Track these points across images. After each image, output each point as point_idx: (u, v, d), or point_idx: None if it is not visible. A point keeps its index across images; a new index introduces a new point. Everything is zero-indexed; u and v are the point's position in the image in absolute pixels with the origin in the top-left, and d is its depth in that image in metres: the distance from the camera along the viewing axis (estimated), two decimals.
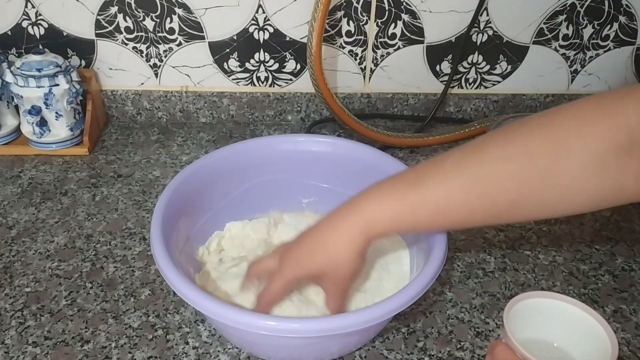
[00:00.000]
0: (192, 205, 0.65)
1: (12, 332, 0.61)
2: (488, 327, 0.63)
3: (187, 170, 0.65)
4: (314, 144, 0.72)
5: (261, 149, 0.71)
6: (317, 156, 0.72)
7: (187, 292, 0.50)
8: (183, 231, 0.63)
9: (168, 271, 0.52)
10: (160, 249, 0.55)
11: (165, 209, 0.60)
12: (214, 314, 0.49)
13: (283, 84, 0.99)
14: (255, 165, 0.71)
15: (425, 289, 0.52)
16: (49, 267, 0.69)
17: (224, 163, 0.69)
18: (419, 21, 0.94)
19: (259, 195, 0.72)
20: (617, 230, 0.78)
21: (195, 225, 0.66)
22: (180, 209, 0.62)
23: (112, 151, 0.92)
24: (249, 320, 0.48)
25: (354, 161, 0.71)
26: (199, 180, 0.66)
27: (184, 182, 0.64)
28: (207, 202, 0.68)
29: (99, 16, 0.91)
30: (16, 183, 0.84)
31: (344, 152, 0.72)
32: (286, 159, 0.72)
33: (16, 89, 0.85)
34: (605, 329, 0.51)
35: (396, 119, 1.03)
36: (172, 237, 0.59)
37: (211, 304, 0.49)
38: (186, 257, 0.63)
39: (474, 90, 1.03)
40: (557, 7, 0.94)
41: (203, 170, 0.67)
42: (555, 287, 0.69)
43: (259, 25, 0.93)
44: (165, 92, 0.98)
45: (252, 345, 0.56)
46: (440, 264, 0.54)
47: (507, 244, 0.75)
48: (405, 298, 0.50)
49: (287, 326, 0.48)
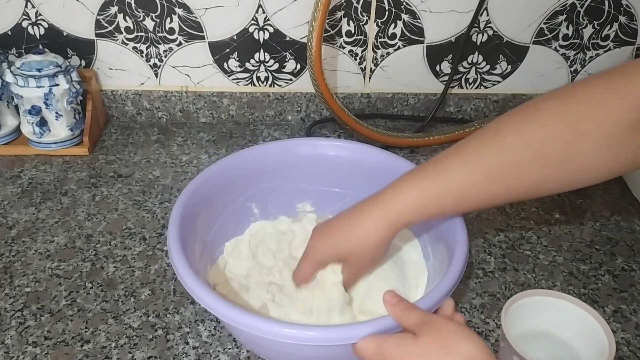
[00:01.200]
0: (209, 208, 0.65)
1: (12, 332, 0.61)
2: (488, 327, 0.63)
3: (205, 173, 0.65)
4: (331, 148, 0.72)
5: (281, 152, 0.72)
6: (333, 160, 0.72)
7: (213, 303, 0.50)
8: (200, 235, 0.63)
9: (186, 277, 0.52)
10: (179, 259, 0.54)
11: (183, 213, 0.59)
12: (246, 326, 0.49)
13: (283, 84, 0.99)
14: (271, 169, 0.71)
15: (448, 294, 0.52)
16: (49, 267, 0.69)
17: (247, 163, 0.70)
18: (419, 21, 0.94)
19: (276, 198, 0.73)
20: (617, 230, 0.78)
21: (212, 229, 0.66)
22: (198, 212, 0.62)
23: (112, 151, 0.92)
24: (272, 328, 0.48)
25: (366, 164, 0.71)
26: (215, 183, 0.66)
27: (201, 185, 0.64)
28: (224, 204, 0.68)
29: (99, 16, 0.91)
30: (16, 183, 0.84)
31: (359, 155, 0.72)
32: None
33: (16, 89, 0.85)
34: (601, 324, 0.51)
35: (396, 119, 1.03)
36: (188, 240, 0.59)
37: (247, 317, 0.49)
38: (202, 254, 0.63)
39: (474, 90, 1.03)
40: (557, 7, 0.94)
41: (223, 172, 0.67)
42: (555, 287, 0.69)
43: (259, 25, 0.93)
44: (165, 92, 0.98)
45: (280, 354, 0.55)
46: (463, 265, 0.54)
47: (507, 244, 0.75)
48: (430, 302, 0.50)
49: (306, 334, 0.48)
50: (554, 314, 0.54)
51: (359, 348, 0.47)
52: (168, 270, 0.69)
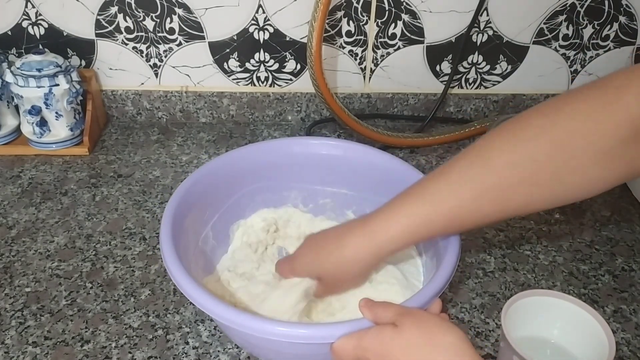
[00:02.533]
0: (202, 208, 0.65)
1: (12, 332, 0.61)
2: (488, 327, 0.63)
3: (195, 174, 0.65)
4: (325, 147, 0.72)
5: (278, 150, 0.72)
6: (328, 159, 0.72)
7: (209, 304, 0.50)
8: (192, 235, 0.63)
9: (178, 275, 0.52)
10: (172, 258, 0.54)
11: (175, 212, 0.59)
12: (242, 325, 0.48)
13: (283, 84, 0.99)
14: (262, 168, 0.71)
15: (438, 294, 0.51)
16: (49, 267, 0.69)
17: (240, 162, 0.69)
18: (419, 21, 0.94)
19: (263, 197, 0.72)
20: (617, 230, 0.78)
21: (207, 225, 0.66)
22: (189, 214, 0.62)
23: (112, 151, 0.92)
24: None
25: (367, 165, 0.70)
26: (208, 182, 0.66)
27: (194, 183, 0.64)
28: (218, 202, 0.68)
29: (99, 16, 0.91)
30: (16, 183, 0.84)
31: (356, 155, 0.71)
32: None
33: (16, 89, 0.85)
34: (601, 325, 0.51)
35: (396, 119, 1.03)
36: (181, 238, 0.59)
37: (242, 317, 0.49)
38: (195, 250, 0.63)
39: (474, 91, 1.03)
40: (557, 7, 0.94)
41: (216, 171, 0.67)
42: (555, 287, 0.69)
43: (259, 25, 0.93)
44: (165, 92, 0.98)
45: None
46: (453, 269, 0.54)
47: (507, 244, 0.75)
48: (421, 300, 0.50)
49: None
50: (554, 314, 0.54)
51: (336, 348, 0.46)
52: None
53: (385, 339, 0.44)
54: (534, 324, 0.55)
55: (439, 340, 0.42)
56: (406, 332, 0.43)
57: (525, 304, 0.54)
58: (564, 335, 0.55)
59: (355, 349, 0.45)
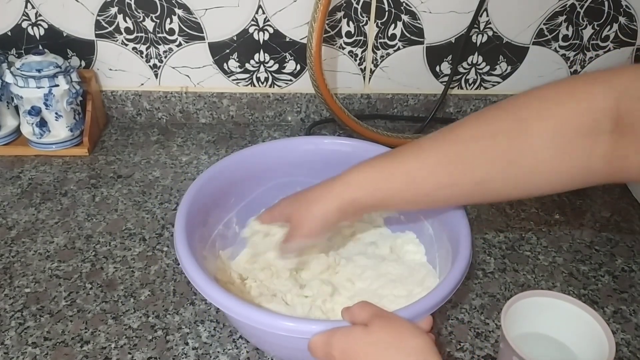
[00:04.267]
0: (214, 207, 0.65)
1: (11, 332, 0.61)
2: (488, 328, 0.63)
3: (208, 172, 0.65)
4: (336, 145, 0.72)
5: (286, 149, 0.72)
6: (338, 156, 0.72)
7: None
8: (207, 232, 0.64)
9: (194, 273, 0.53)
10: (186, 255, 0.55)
11: (189, 211, 0.60)
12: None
13: (283, 84, 0.99)
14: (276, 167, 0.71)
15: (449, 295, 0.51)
16: (48, 267, 0.69)
17: (250, 163, 0.70)
18: (418, 22, 0.94)
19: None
20: (617, 230, 0.78)
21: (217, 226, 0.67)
22: (203, 211, 0.63)
23: (112, 152, 0.92)
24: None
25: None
26: (219, 183, 0.66)
27: (205, 183, 0.64)
28: (228, 204, 0.68)
29: (99, 17, 0.91)
30: (16, 184, 0.84)
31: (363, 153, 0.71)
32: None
33: (16, 89, 0.85)
34: (601, 325, 0.51)
35: (396, 119, 1.03)
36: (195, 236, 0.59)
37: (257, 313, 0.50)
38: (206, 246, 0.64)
39: (473, 91, 1.03)
40: (557, 8, 0.94)
41: (226, 171, 0.67)
42: (555, 287, 0.69)
43: (259, 25, 0.93)
44: (165, 92, 0.98)
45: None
46: (465, 267, 0.54)
47: (507, 245, 0.75)
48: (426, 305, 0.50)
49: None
50: (553, 315, 0.54)
51: (310, 344, 0.47)
52: (168, 271, 0.69)
53: (353, 338, 0.45)
54: (534, 325, 0.55)
55: (405, 344, 0.43)
56: (375, 332, 0.44)
57: (525, 304, 0.54)
58: (564, 336, 0.55)
59: (325, 346, 0.46)
